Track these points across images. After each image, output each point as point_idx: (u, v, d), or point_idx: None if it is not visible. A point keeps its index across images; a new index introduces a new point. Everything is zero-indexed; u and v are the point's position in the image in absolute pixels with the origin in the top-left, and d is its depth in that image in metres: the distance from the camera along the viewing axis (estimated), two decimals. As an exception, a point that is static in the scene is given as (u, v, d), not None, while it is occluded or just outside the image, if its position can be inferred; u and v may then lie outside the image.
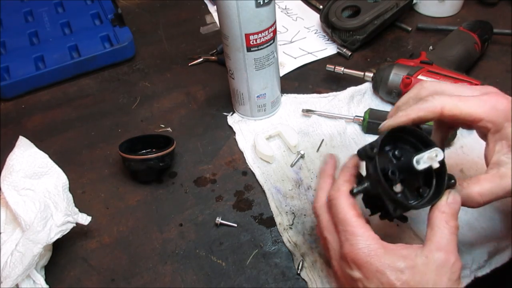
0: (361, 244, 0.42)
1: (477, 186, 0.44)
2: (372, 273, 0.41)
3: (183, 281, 0.56)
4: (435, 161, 0.43)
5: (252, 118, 0.74)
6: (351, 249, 0.42)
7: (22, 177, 0.60)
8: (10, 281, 0.51)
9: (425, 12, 0.92)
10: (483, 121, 0.45)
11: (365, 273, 0.41)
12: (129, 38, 0.88)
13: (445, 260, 0.41)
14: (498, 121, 0.44)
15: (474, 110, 0.45)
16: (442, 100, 0.45)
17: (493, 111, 0.44)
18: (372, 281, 0.41)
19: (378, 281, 0.41)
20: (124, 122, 0.77)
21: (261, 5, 0.60)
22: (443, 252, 0.41)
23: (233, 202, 0.64)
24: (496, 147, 0.45)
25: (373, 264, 0.41)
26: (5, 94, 0.83)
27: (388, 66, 0.72)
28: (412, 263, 0.41)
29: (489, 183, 0.44)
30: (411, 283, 0.40)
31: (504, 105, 0.44)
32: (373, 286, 0.41)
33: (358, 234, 0.43)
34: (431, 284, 0.40)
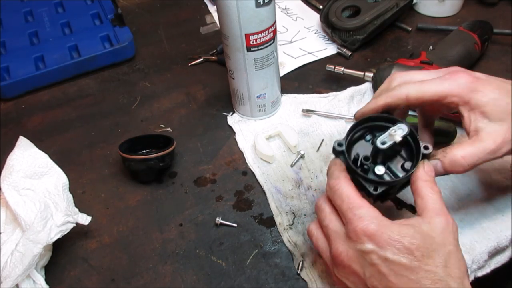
0: (370, 217, 0.43)
1: (460, 150, 0.47)
2: (386, 241, 0.41)
3: (183, 281, 0.56)
4: (397, 136, 0.47)
5: (252, 118, 0.74)
6: (361, 222, 0.43)
7: (22, 177, 0.60)
8: (10, 281, 0.51)
9: (425, 12, 0.92)
10: (448, 97, 0.48)
11: (378, 242, 0.42)
12: (129, 38, 0.88)
13: (446, 222, 0.43)
14: (463, 94, 0.48)
15: (436, 90, 0.48)
16: (407, 87, 0.50)
17: (455, 86, 0.48)
18: (386, 249, 0.41)
19: (394, 248, 0.41)
20: (124, 122, 0.77)
21: (261, 5, 0.60)
22: (441, 215, 0.43)
23: (233, 202, 0.64)
24: (471, 117, 0.48)
25: (385, 233, 0.42)
26: (5, 94, 0.83)
27: (388, 66, 0.72)
28: (419, 229, 0.42)
29: (470, 147, 0.47)
30: (424, 246, 0.41)
31: (465, 79, 0.48)
32: (389, 254, 0.41)
33: (365, 208, 0.44)
34: (441, 245, 0.42)
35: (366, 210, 0.44)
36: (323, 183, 0.64)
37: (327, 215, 0.47)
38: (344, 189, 0.46)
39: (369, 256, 0.42)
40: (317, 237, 0.49)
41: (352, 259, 0.44)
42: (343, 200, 0.45)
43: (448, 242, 0.42)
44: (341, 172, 0.48)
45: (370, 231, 0.42)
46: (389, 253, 0.41)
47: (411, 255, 0.41)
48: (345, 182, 0.47)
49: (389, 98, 0.50)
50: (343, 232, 0.45)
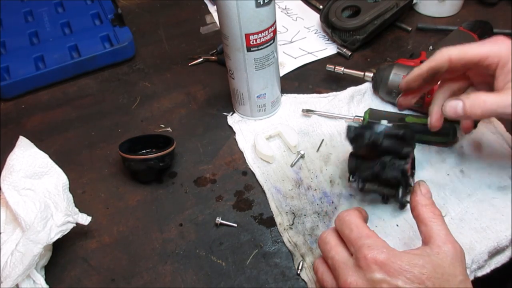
0: (379, 246, 0.43)
1: (484, 95, 0.50)
2: (396, 271, 0.41)
3: (183, 281, 0.56)
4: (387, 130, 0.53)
5: (252, 118, 0.74)
6: (370, 251, 0.43)
7: (22, 177, 0.60)
8: (10, 281, 0.51)
9: (425, 12, 0.92)
10: (489, 58, 0.51)
11: (389, 271, 0.41)
12: (129, 38, 0.88)
13: (454, 251, 0.43)
14: (503, 56, 0.50)
15: (478, 51, 0.51)
16: (449, 49, 0.52)
17: (496, 49, 0.51)
18: (397, 278, 0.41)
19: (404, 277, 0.41)
20: (124, 122, 0.77)
21: (261, 5, 0.60)
22: (448, 244, 0.43)
23: (233, 202, 0.64)
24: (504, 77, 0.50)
25: (395, 262, 0.42)
26: (5, 94, 0.83)
27: (388, 66, 0.72)
28: (428, 259, 0.42)
29: (493, 96, 0.50)
30: (435, 276, 0.41)
31: (506, 44, 0.51)
32: (400, 283, 0.41)
33: (374, 238, 0.44)
34: (452, 276, 0.42)
35: (375, 240, 0.44)
36: (323, 183, 0.64)
37: (332, 247, 0.47)
38: (353, 219, 0.47)
39: (380, 285, 0.42)
40: (322, 271, 0.48)
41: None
42: (352, 230, 0.46)
43: (459, 272, 0.42)
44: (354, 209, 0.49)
45: (380, 259, 0.42)
46: (400, 283, 0.41)
47: (422, 284, 0.41)
48: (354, 213, 0.48)
49: (432, 62, 0.53)
50: (352, 262, 0.44)
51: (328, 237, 0.48)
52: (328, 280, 0.47)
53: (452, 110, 0.52)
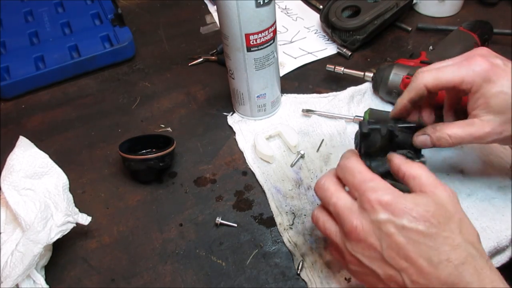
0: (383, 188, 0.43)
1: (449, 129, 0.50)
2: (401, 210, 0.41)
3: (183, 281, 0.56)
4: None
5: (252, 118, 0.74)
6: (375, 192, 0.43)
7: (22, 177, 0.60)
8: (11, 281, 0.51)
9: (425, 12, 0.92)
10: (463, 84, 0.49)
11: (394, 211, 0.41)
12: (129, 38, 0.88)
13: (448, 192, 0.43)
14: (476, 82, 0.49)
15: (452, 76, 0.50)
16: (423, 76, 0.51)
17: (470, 73, 0.49)
18: (402, 217, 0.41)
19: (410, 216, 0.41)
20: (124, 122, 0.77)
21: (261, 5, 0.60)
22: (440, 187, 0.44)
23: (233, 202, 0.64)
24: (475, 103, 0.49)
25: (400, 202, 0.42)
26: (5, 94, 0.83)
27: (388, 66, 0.72)
28: (430, 199, 0.42)
29: (459, 129, 0.50)
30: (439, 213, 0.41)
31: (481, 66, 0.49)
32: (406, 222, 0.41)
33: (378, 180, 0.44)
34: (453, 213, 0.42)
35: (378, 182, 0.44)
36: (323, 183, 0.64)
37: (333, 192, 0.46)
38: (355, 165, 0.46)
39: (385, 226, 0.41)
40: (323, 220, 0.47)
41: (367, 232, 0.42)
42: (355, 175, 0.45)
43: (457, 210, 0.43)
44: (352, 153, 0.49)
45: (384, 200, 0.42)
46: (406, 221, 0.41)
47: (428, 222, 0.41)
48: (356, 160, 0.47)
49: (411, 92, 0.52)
50: (356, 206, 0.44)
51: (327, 183, 0.47)
52: (332, 228, 0.47)
53: (422, 144, 0.52)
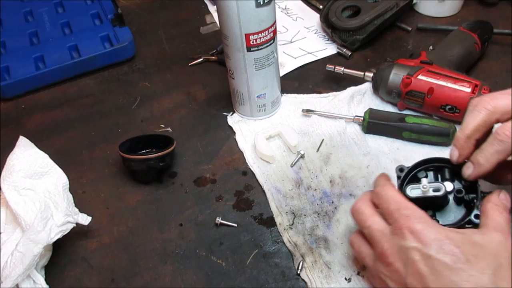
0: (417, 217, 0.43)
1: None
2: (430, 240, 0.41)
3: (183, 281, 0.56)
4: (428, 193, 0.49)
5: (252, 118, 0.74)
6: (407, 220, 0.43)
7: (23, 177, 0.60)
8: (11, 281, 0.51)
9: (425, 12, 0.92)
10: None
11: (423, 240, 0.41)
12: (129, 38, 0.88)
13: (504, 239, 0.41)
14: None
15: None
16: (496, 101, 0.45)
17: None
18: (430, 247, 0.41)
19: (438, 247, 0.40)
20: (124, 122, 0.77)
21: (261, 5, 0.60)
22: (500, 232, 0.42)
23: (233, 202, 0.64)
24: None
25: (431, 232, 0.41)
26: (5, 94, 0.83)
27: (388, 66, 0.72)
28: (469, 238, 0.41)
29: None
30: (472, 253, 0.40)
31: None
32: (433, 252, 0.40)
33: (412, 209, 0.44)
34: (492, 256, 0.40)
35: (413, 211, 0.44)
36: (323, 183, 0.64)
37: (368, 216, 0.47)
38: (390, 193, 0.47)
39: (411, 253, 0.41)
40: (359, 244, 0.49)
41: (395, 256, 0.43)
42: (390, 202, 0.46)
43: (502, 256, 0.40)
44: (387, 180, 0.49)
45: (416, 228, 0.42)
46: (433, 251, 0.41)
47: (455, 256, 0.40)
48: (391, 187, 0.48)
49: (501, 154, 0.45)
50: (388, 230, 0.45)
51: (362, 207, 0.48)
52: (366, 252, 0.47)
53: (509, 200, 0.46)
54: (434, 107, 0.68)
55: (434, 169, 0.53)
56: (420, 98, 0.68)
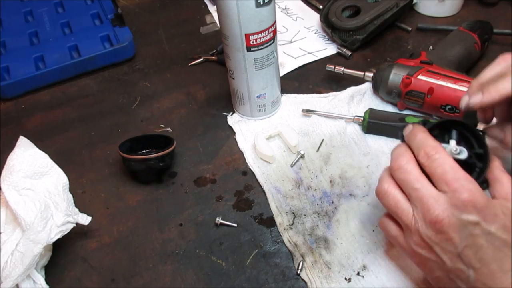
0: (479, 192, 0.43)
1: None
2: (492, 216, 0.42)
3: (183, 281, 0.56)
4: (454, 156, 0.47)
5: (252, 118, 0.74)
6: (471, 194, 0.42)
7: (23, 177, 0.60)
8: (11, 281, 0.51)
9: (425, 12, 0.92)
10: None
11: (485, 216, 0.42)
12: (129, 38, 0.88)
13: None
14: None
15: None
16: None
17: None
18: (492, 223, 0.41)
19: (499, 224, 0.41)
20: (124, 122, 0.77)
21: (261, 5, 0.60)
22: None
23: (233, 202, 0.64)
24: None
25: (494, 207, 0.42)
26: (5, 94, 0.83)
27: (388, 66, 0.72)
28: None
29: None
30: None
31: None
32: (493, 229, 0.41)
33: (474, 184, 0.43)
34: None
35: (474, 185, 0.43)
36: (323, 183, 0.64)
37: (417, 177, 0.45)
38: (447, 160, 0.44)
39: (473, 227, 0.42)
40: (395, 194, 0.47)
41: (452, 227, 0.43)
42: (447, 170, 0.44)
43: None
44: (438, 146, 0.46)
45: (479, 203, 0.42)
46: (494, 228, 0.41)
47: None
48: (446, 154, 0.45)
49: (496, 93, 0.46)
50: (443, 199, 0.43)
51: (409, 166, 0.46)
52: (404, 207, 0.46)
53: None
54: (434, 107, 0.68)
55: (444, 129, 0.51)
56: (420, 98, 0.68)
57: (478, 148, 0.49)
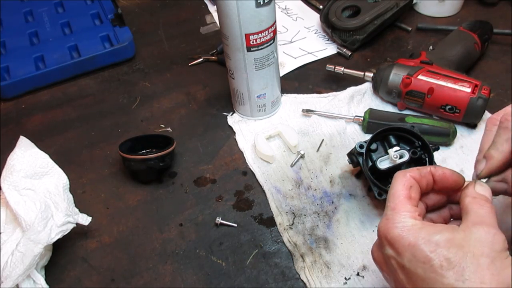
0: (397, 220, 0.40)
1: None
2: (404, 248, 0.39)
3: (183, 281, 0.56)
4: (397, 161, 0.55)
5: (252, 118, 0.74)
6: (385, 224, 0.41)
7: (23, 177, 0.60)
8: (11, 281, 0.51)
9: (425, 12, 0.92)
10: None
11: (397, 248, 0.39)
12: (129, 38, 0.88)
13: (485, 232, 0.38)
14: None
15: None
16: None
17: None
18: (404, 256, 0.39)
19: (411, 255, 0.38)
20: (124, 122, 0.77)
21: (261, 5, 0.60)
22: (481, 225, 0.38)
23: (233, 202, 0.64)
24: None
25: (405, 238, 0.39)
26: (5, 94, 0.83)
27: (388, 66, 0.72)
28: (449, 236, 0.38)
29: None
30: (448, 255, 0.37)
31: None
32: (406, 261, 0.38)
33: (398, 211, 0.41)
34: (470, 256, 0.36)
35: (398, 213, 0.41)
36: (323, 183, 0.64)
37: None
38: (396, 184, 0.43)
39: (390, 261, 0.41)
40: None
41: (380, 262, 0.43)
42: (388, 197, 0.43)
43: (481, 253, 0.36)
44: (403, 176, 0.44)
45: (389, 236, 0.40)
46: (405, 261, 0.39)
47: (427, 264, 0.37)
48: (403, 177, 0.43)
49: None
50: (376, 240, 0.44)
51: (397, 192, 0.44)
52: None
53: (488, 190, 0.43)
54: (434, 107, 0.68)
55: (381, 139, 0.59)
56: (420, 98, 0.68)
57: (417, 142, 0.57)
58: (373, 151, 0.59)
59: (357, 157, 0.59)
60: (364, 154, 0.57)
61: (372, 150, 0.59)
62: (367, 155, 0.58)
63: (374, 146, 0.59)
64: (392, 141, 0.58)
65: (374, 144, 0.59)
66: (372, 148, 0.59)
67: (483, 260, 0.36)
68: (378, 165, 0.56)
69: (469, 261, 0.36)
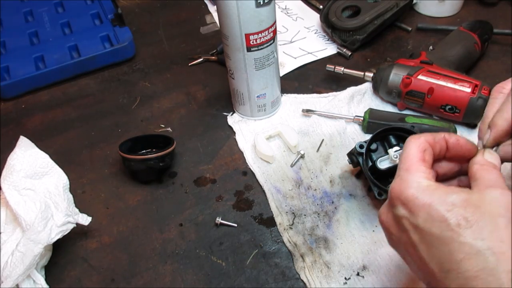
0: (411, 180, 0.39)
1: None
2: (419, 208, 0.38)
3: (183, 281, 0.56)
4: (397, 161, 0.54)
5: (252, 118, 0.74)
6: (399, 184, 0.40)
7: (23, 177, 0.60)
8: (11, 281, 0.51)
9: (425, 12, 0.92)
10: None
11: (411, 208, 0.38)
12: (129, 38, 0.88)
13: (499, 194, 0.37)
14: None
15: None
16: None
17: None
18: (418, 215, 0.37)
19: (426, 214, 0.37)
20: (124, 122, 0.77)
21: (261, 5, 0.60)
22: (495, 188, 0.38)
23: (233, 202, 0.64)
24: None
25: (420, 198, 0.38)
26: (5, 94, 0.83)
27: (388, 66, 0.72)
28: (466, 196, 0.37)
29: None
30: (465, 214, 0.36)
31: None
32: (421, 221, 0.37)
33: (413, 171, 0.40)
34: (487, 216, 0.36)
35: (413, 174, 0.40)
36: (323, 183, 0.64)
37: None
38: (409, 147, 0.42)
39: (402, 221, 0.39)
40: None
41: (390, 223, 0.41)
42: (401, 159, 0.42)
43: (499, 214, 0.36)
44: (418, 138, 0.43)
45: (403, 195, 0.39)
46: (420, 220, 0.37)
47: (444, 223, 0.36)
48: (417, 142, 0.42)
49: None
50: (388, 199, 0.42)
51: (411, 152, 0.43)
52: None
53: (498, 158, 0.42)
54: (434, 107, 0.68)
55: (380, 139, 0.60)
56: (420, 98, 0.68)
57: None
58: (373, 151, 0.59)
59: (357, 157, 0.59)
60: (364, 154, 0.58)
61: (372, 150, 0.59)
62: (367, 155, 0.58)
63: (374, 146, 0.59)
64: (392, 141, 0.59)
65: (374, 144, 0.59)
66: (372, 148, 0.59)
67: (501, 220, 0.36)
68: (378, 165, 0.56)
69: (487, 221, 0.36)
